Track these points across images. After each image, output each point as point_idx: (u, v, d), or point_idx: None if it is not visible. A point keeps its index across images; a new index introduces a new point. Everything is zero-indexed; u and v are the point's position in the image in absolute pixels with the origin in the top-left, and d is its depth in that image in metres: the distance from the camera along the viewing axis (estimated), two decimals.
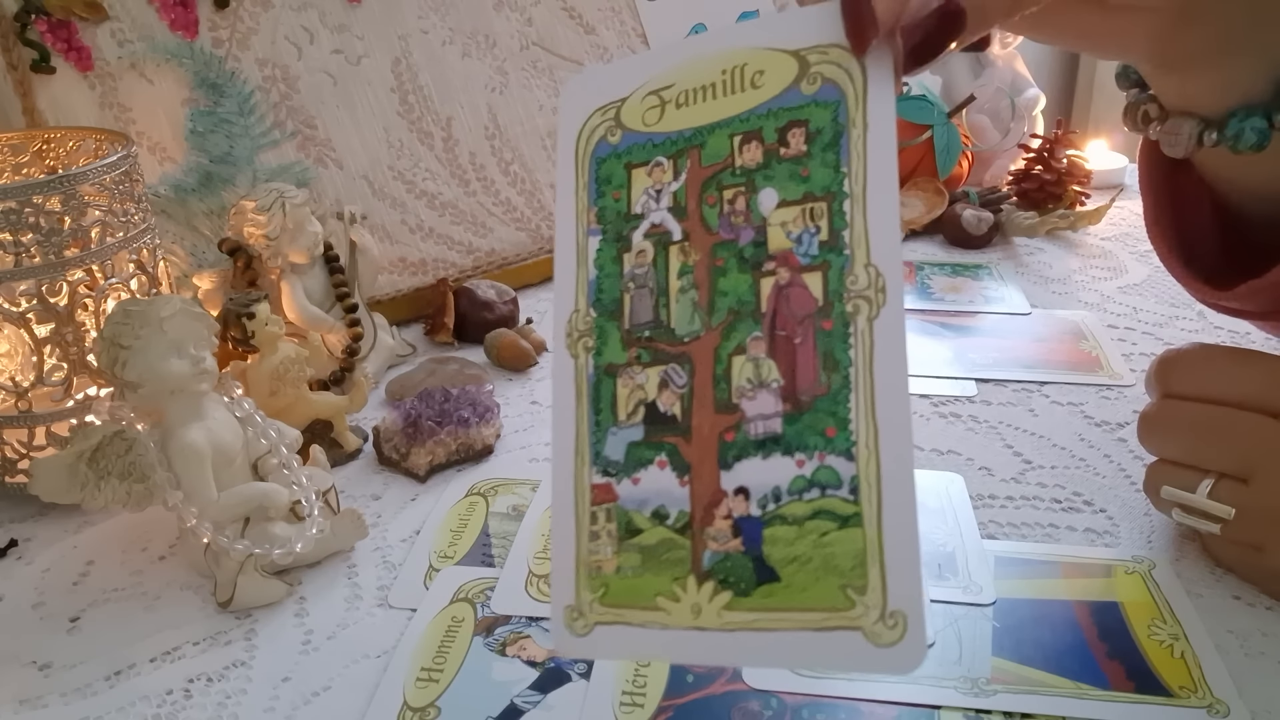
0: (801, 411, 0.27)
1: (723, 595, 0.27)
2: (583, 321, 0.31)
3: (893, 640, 0.25)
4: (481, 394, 0.58)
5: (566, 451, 0.30)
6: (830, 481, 0.26)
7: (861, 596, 0.25)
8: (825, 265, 0.27)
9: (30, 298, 0.50)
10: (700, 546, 0.28)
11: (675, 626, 0.28)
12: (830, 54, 0.28)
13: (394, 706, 0.39)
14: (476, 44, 0.79)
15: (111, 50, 0.65)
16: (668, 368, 0.29)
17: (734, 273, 0.29)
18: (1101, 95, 1.32)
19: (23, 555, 0.50)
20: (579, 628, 0.29)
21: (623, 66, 0.32)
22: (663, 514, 0.29)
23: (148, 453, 0.43)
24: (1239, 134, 0.39)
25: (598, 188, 0.31)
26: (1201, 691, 0.38)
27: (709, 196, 0.29)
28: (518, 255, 0.79)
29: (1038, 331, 0.70)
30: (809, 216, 0.28)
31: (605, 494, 0.29)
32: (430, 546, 0.49)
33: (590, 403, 0.30)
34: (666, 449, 0.29)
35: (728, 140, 0.29)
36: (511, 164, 0.79)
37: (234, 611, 0.45)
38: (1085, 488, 0.52)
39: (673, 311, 0.29)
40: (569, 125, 0.32)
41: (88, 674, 0.42)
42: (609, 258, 0.31)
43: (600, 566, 0.29)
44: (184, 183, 0.66)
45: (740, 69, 0.29)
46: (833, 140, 0.28)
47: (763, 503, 0.27)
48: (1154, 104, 0.43)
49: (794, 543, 0.27)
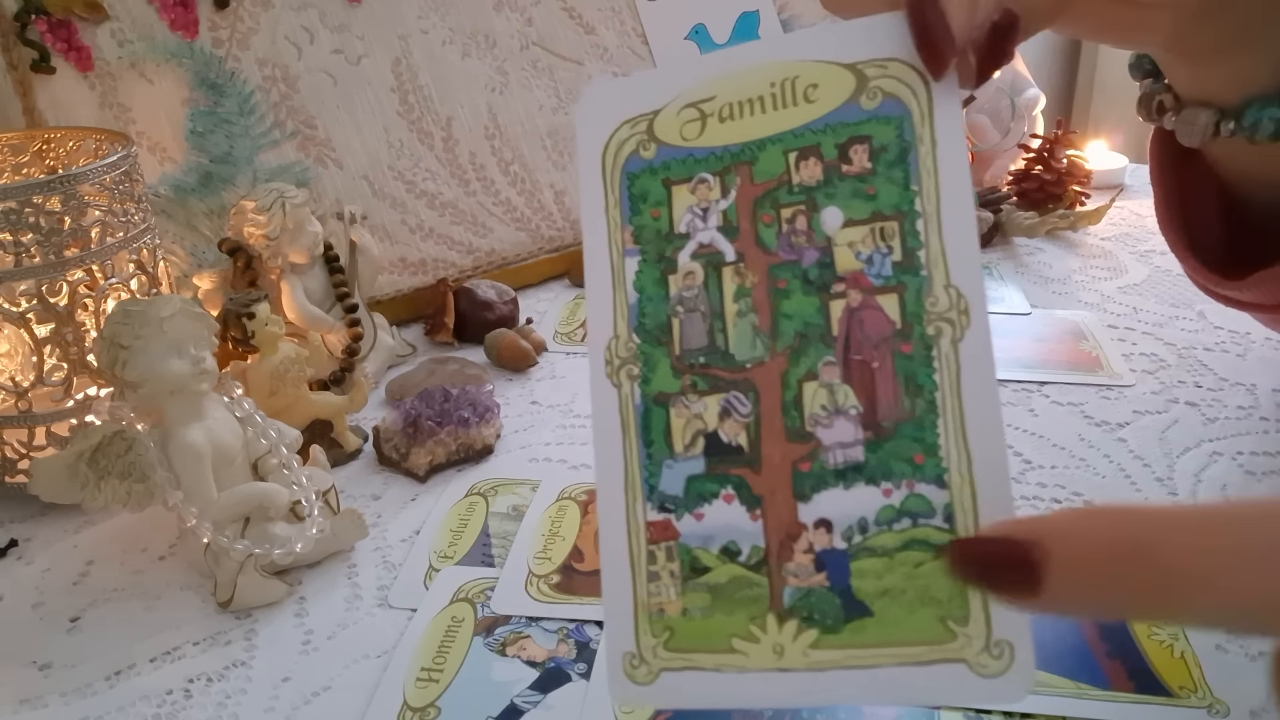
0: (884, 438, 0.26)
1: (808, 633, 0.26)
2: (624, 348, 0.29)
3: (999, 670, 0.24)
4: (481, 394, 0.58)
5: (615, 486, 0.28)
6: (922, 510, 0.25)
7: (963, 627, 0.25)
8: (901, 287, 0.26)
9: (30, 298, 0.50)
10: (779, 583, 0.26)
11: (756, 669, 0.26)
12: (890, 68, 0.27)
13: (394, 706, 0.39)
14: (476, 44, 0.79)
15: (111, 50, 0.65)
16: (728, 395, 0.28)
17: (798, 295, 0.27)
18: (1102, 95, 1.32)
19: (23, 555, 0.50)
20: (641, 675, 0.27)
21: (649, 77, 0.30)
22: (733, 550, 0.27)
23: (148, 453, 0.43)
24: (1256, 124, 0.39)
25: (632, 204, 0.29)
26: (1201, 691, 0.38)
27: (764, 215, 0.28)
28: (518, 255, 0.79)
29: (1038, 331, 0.70)
30: (879, 236, 0.27)
31: (664, 531, 0.28)
32: (430, 546, 0.49)
33: (640, 434, 0.28)
34: (733, 481, 0.27)
35: (782, 156, 0.28)
36: (511, 164, 0.79)
37: (234, 611, 0.45)
38: (1085, 488, 0.52)
39: (730, 336, 0.28)
40: (592, 137, 0.30)
41: (88, 674, 0.41)
42: (651, 279, 0.29)
43: (663, 609, 0.27)
44: (184, 183, 0.66)
45: (791, 82, 0.28)
46: (899, 157, 0.27)
47: (848, 535, 0.26)
48: (1169, 94, 0.43)
49: (884, 575, 0.25)
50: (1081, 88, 1.35)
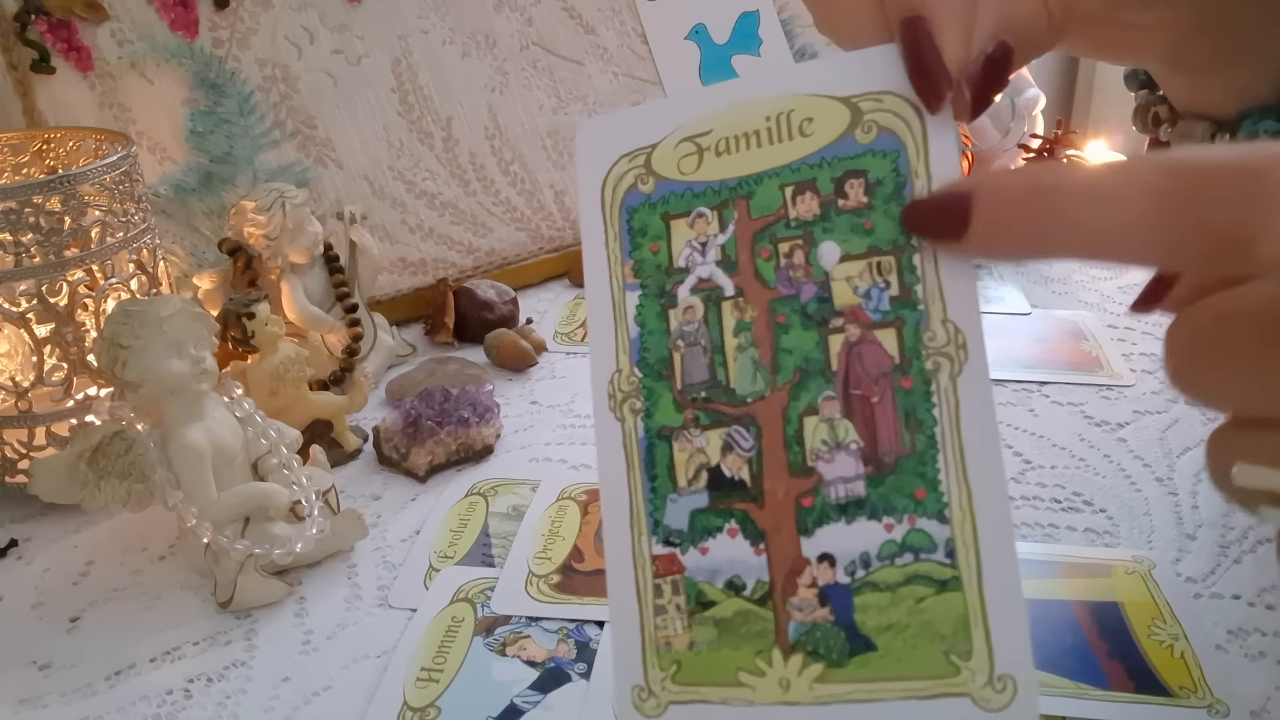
0: (885, 473, 0.26)
1: (814, 667, 0.26)
2: (627, 382, 0.29)
3: (1003, 704, 0.24)
4: (481, 394, 0.58)
5: (620, 521, 0.29)
6: (923, 545, 0.25)
7: (966, 662, 0.25)
8: (899, 321, 0.26)
9: (30, 298, 0.50)
10: (784, 617, 0.27)
11: (763, 702, 0.26)
12: (885, 101, 0.27)
13: (394, 706, 0.39)
14: (476, 44, 0.79)
15: (111, 50, 0.65)
16: (730, 430, 0.28)
17: (798, 329, 0.27)
18: (1102, 95, 1.32)
19: (23, 555, 0.50)
20: (650, 709, 0.28)
21: (646, 111, 0.30)
22: (738, 584, 0.27)
23: (148, 453, 0.43)
24: (1252, 136, 0.39)
25: (632, 239, 0.30)
26: (1201, 691, 0.38)
27: (762, 249, 0.28)
28: (518, 255, 0.79)
29: (1038, 331, 0.70)
30: (876, 271, 0.27)
31: (670, 565, 0.28)
32: (430, 546, 0.49)
33: (644, 468, 0.29)
34: (736, 515, 0.27)
35: (778, 190, 0.28)
36: (511, 164, 0.79)
37: (234, 611, 0.45)
38: (1085, 488, 0.52)
39: (731, 371, 0.28)
40: (591, 171, 0.30)
41: (88, 674, 0.42)
42: (651, 314, 0.29)
43: (670, 642, 0.28)
44: (184, 183, 0.66)
45: (786, 115, 0.28)
46: (895, 191, 0.27)
47: (850, 569, 0.26)
48: (1164, 105, 0.43)
49: (888, 609, 0.26)
50: (1081, 88, 1.35)
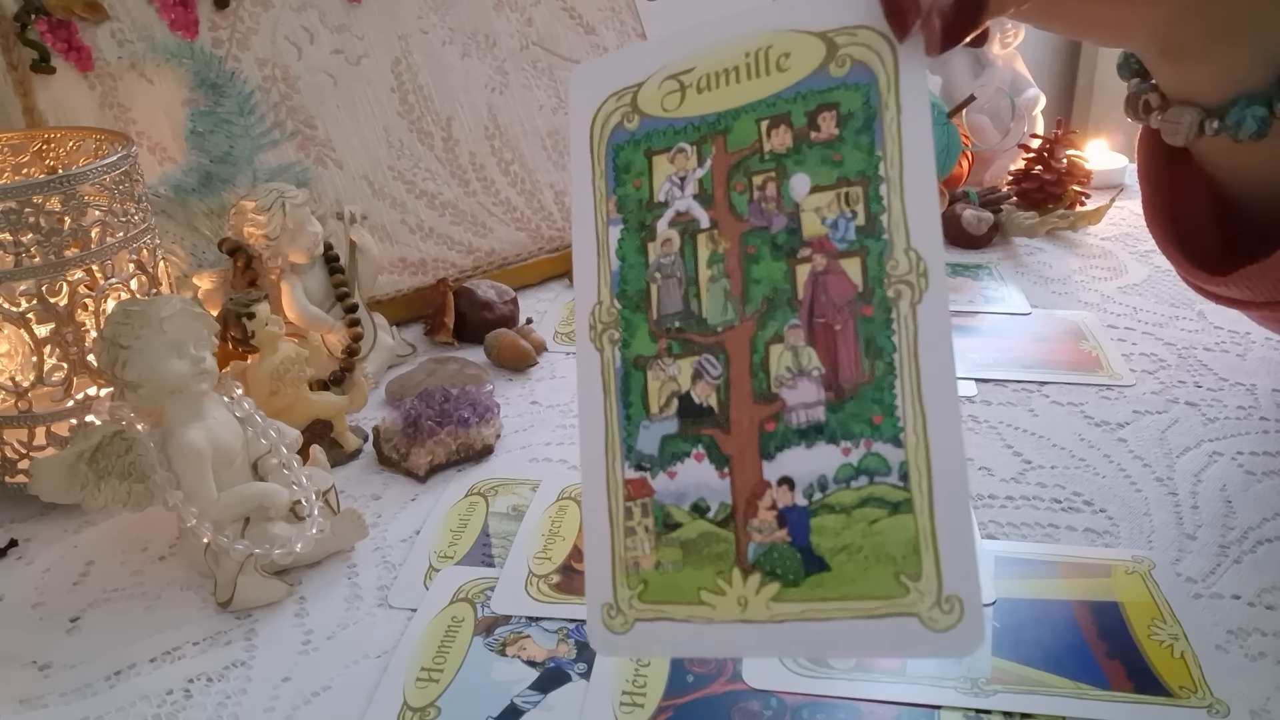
0: (845, 399, 0.27)
1: (770, 587, 0.27)
2: (607, 314, 0.30)
3: (950, 625, 0.25)
4: (481, 394, 0.58)
5: (596, 447, 0.30)
6: (879, 469, 0.26)
7: (916, 583, 0.25)
8: (864, 251, 0.27)
9: (30, 298, 0.50)
10: (744, 539, 0.28)
11: (721, 620, 0.27)
12: (859, 35, 0.28)
13: (394, 706, 0.39)
14: (476, 44, 0.79)
15: (111, 50, 0.65)
16: (701, 358, 0.29)
17: (767, 260, 0.28)
18: (1102, 95, 1.32)
19: (23, 555, 0.50)
20: (618, 625, 0.29)
21: (636, 51, 0.31)
22: (702, 507, 0.28)
23: (148, 453, 0.43)
24: (1240, 122, 0.39)
25: (616, 176, 0.30)
26: (1201, 691, 0.38)
27: (737, 183, 0.29)
28: (518, 255, 0.79)
29: (1038, 331, 0.70)
30: (844, 201, 0.27)
31: (640, 489, 0.29)
32: (430, 546, 0.49)
33: (619, 396, 0.30)
34: (704, 441, 0.28)
35: (754, 125, 0.29)
36: (511, 164, 0.79)
37: (234, 611, 0.45)
38: (1085, 488, 0.52)
39: (704, 301, 0.29)
40: (581, 112, 0.31)
41: (88, 674, 0.41)
42: (632, 248, 0.30)
43: (638, 562, 0.29)
44: (184, 183, 0.66)
45: (764, 52, 0.29)
46: (865, 124, 0.27)
47: (808, 492, 0.27)
48: (1155, 93, 0.43)
49: (842, 531, 0.26)
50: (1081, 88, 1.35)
